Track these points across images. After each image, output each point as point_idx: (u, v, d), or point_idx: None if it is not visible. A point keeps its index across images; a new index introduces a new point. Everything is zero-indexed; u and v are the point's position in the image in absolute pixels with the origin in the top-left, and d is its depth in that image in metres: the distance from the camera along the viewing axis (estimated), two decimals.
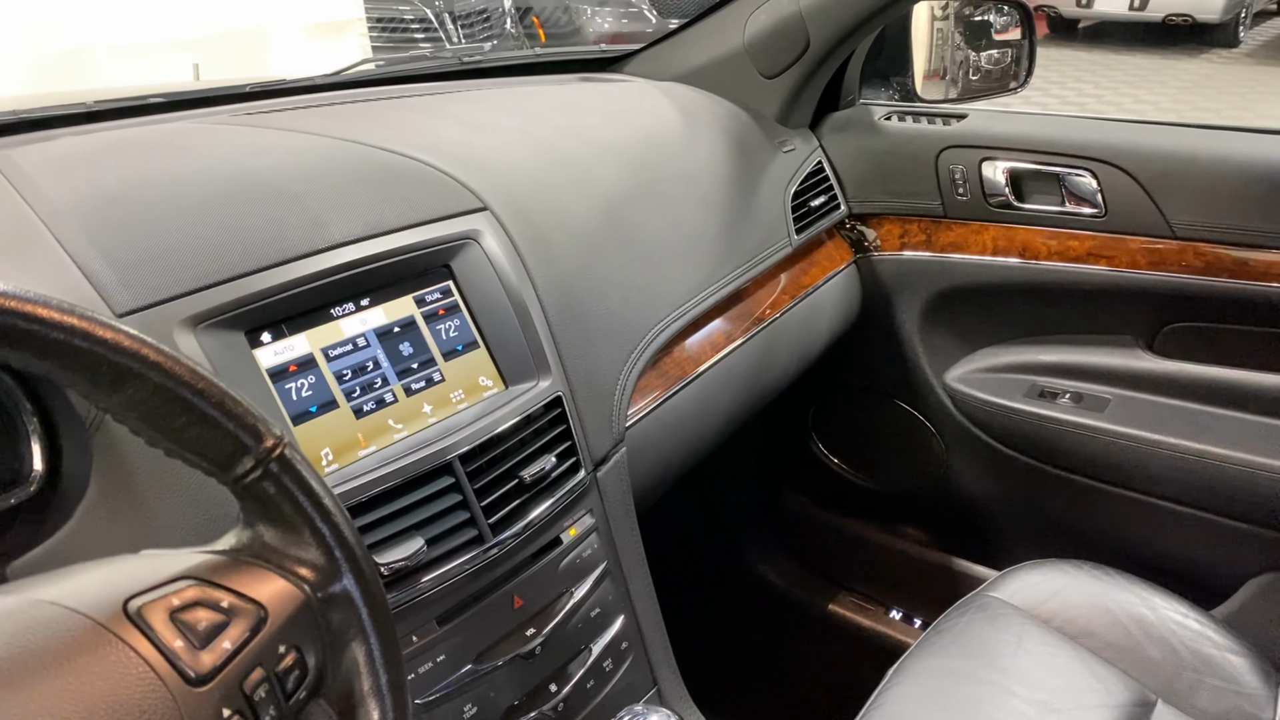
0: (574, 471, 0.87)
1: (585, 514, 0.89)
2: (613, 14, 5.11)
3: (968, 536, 1.56)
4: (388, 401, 0.77)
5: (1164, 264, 1.23)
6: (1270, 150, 1.16)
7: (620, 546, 0.94)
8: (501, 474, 0.80)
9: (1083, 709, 1.01)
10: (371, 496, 0.71)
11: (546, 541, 0.85)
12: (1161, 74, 7.97)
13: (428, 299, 0.82)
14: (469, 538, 0.76)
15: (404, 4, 3.59)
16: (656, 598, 1.00)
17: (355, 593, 0.48)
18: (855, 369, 1.51)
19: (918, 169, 1.36)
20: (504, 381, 0.85)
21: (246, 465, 0.45)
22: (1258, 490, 1.22)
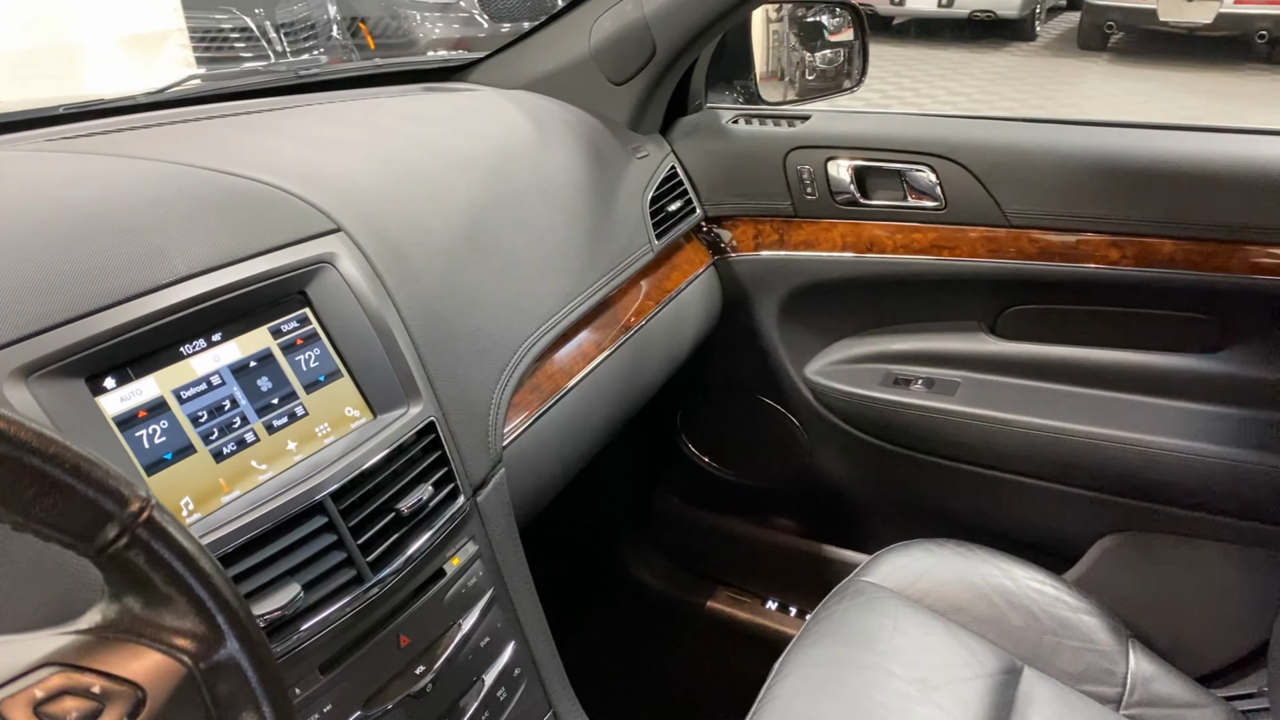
0: (453, 499, 0.84)
1: (467, 541, 0.87)
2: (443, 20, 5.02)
3: (837, 523, 1.60)
4: (249, 441, 0.72)
5: (1001, 251, 1.30)
6: (1091, 140, 1.24)
7: (506, 571, 0.92)
8: (377, 508, 0.76)
9: (958, 682, 1.05)
10: (240, 545, 0.66)
11: (430, 574, 0.82)
12: (971, 67, 8.49)
13: (284, 329, 0.77)
14: (348, 578, 0.73)
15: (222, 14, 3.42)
16: (545, 619, 0.98)
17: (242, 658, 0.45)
18: (719, 368, 1.54)
19: (767, 171, 1.39)
20: (372, 410, 0.81)
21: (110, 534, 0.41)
22: (1097, 459, 1.30)
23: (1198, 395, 1.27)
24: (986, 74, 8.20)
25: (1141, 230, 1.21)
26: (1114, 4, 8.57)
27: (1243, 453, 1.23)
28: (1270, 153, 1.17)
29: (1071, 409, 1.32)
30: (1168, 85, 7.75)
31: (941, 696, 1.03)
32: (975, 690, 1.04)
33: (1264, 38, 8.13)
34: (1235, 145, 1.19)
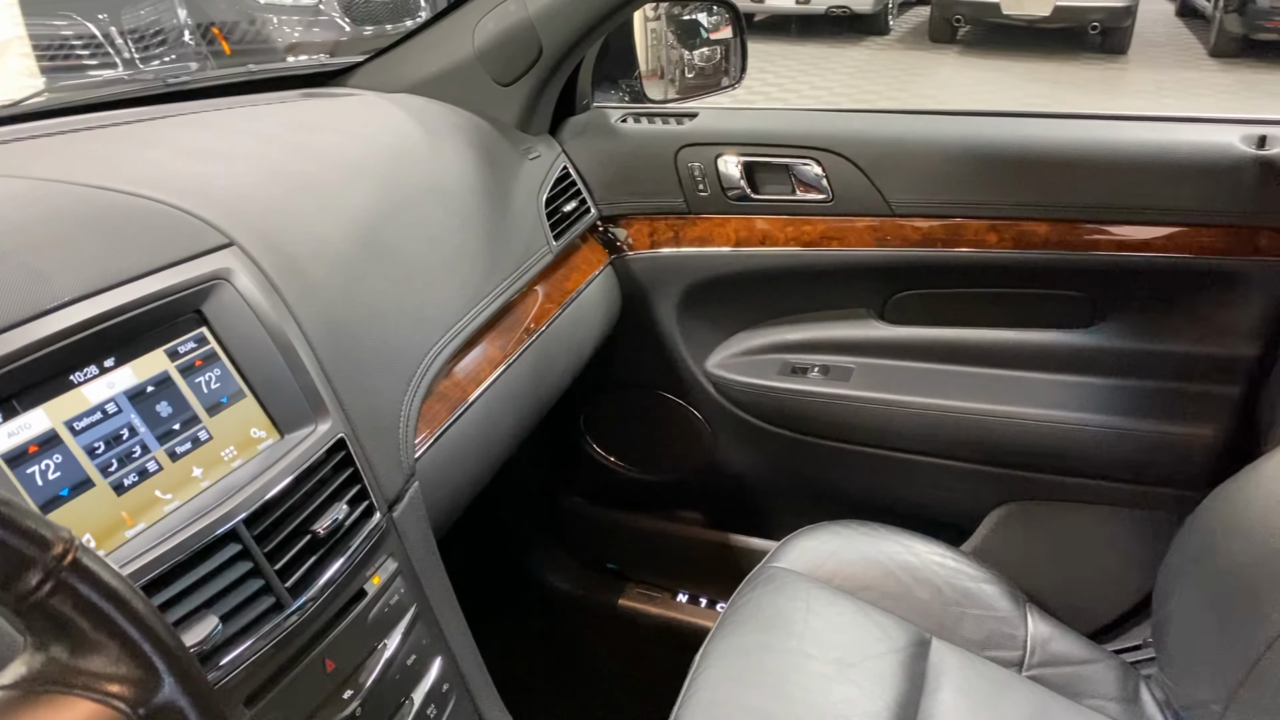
0: (368, 516, 0.81)
1: (386, 559, 0.84)
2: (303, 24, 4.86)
3: (744, 513, 1.63)
4: (151, 471, 0.68)
5: (887, 240, 1.34)
6: (967, 130, 1.30)
7: (427, 585, 0.90)
8: (292, 531, 0.73)
9: (872, 658, 1.08)
10: (150, 580, 0.63)
11: (351, 595, 0.80)
12: (830, 61, 8.75)
13: (181, 351, 0.73)
14: (267, 606, 0.70)
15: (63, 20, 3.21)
16: (470, 632, 0.97)
17: (182, 699, 0.42)
18: (621, 366, 1.54)
19: (659, 169, 1.40)
20: (279, 430, 0.78)
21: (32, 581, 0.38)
22: (987, 434, 1.36)
23: (1076, 368, 1.35)
24: (846, 68, 8.47)
25: (1017, 214, 1.28)
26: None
27: (1119, 419, 1.31)
28: (1129, 136, 1.24)
29: (960, 388, 1.38)
30: (1013, 74, 8.17)
31: (858, 674, 1.06)
32: (889, 665, 1.08)
33: (1096, 28, 8.69)
34: (1097, 130, 1.26)
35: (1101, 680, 1.16)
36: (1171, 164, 1.21)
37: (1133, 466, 1.32)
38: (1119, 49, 8.94)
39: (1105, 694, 1.14)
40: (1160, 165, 1.22)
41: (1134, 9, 8.66)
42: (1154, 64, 8.66)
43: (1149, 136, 1.24)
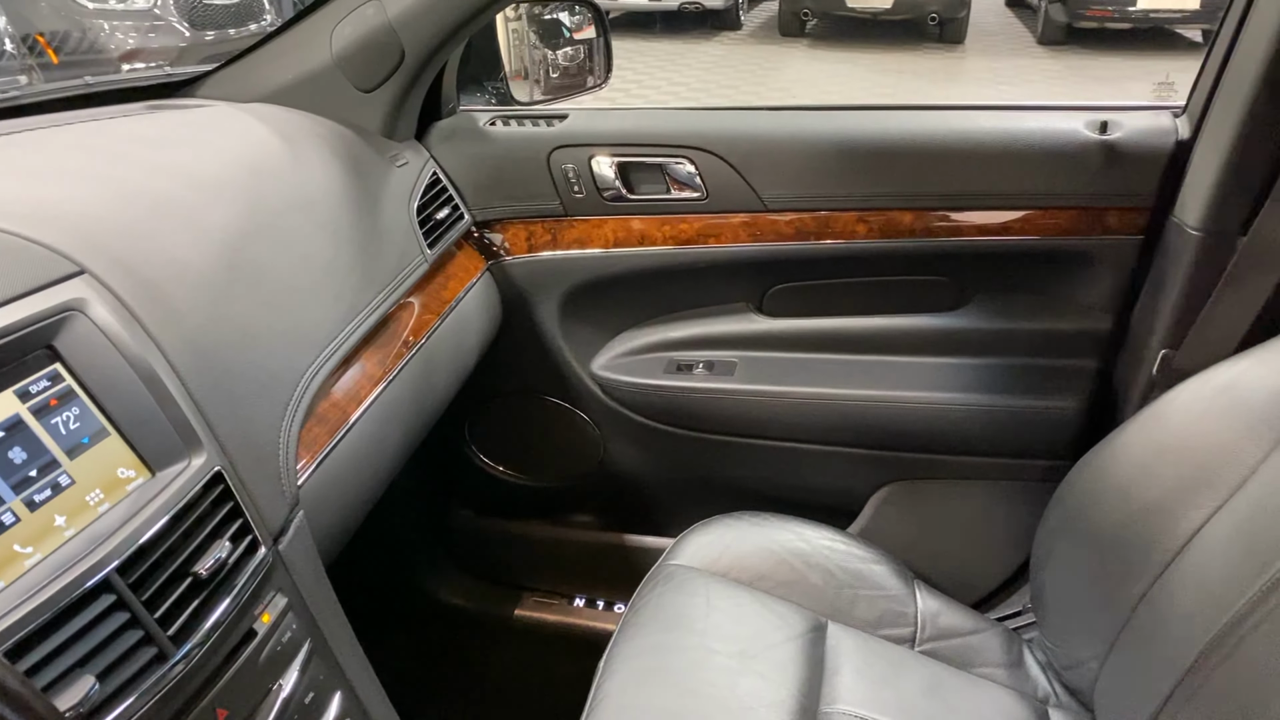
0: (252, 551, 0.77)
1: (275, 595, 0.80)
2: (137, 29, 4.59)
3: (638, 512, 1.63)
4: (7, 524, 0.62)
5: (762, 235, 1.36)
6: (832, 124, 1.33)
7: (320, 618, 0.86)
8: (171, 575, 0.69)
9: (773, 647, 1.10)
10: (15, 644, 0.57)
11: (240, 636, 0.75)
12: (686, 57, 8.86)
13: (34, 390, 0.67)
14: (149, 658, 0.65)
15: None
16: (368, 661, 0.93)
17: None
18: (503, 373, 1.52)
19: (532, 172, 1.38)
20: (149, 468, 0.73)
21: None
22: (866, 418, 1.41)
23: (946, 350, 1.40)
24: (701, 63, 8.59)
25: (883, 204, 1.32)
26: None
27: (988, 397, 1.37)
28: (983, 126, 1.30)
29: (839, 375, 1.42)
30: (861, 66, 8.46)
31: (761, 665, 1.07)
32: (789, 653, 1.10)
33: (934, 19, 9.10)
34: (954, 121, 1.31)
35: (988, 649, 1.21)
36: (1023, 151, 1.28)
37: (1003, 441, 1.39)
38: (956, 39, 9.38)
39: (993, 661, 1.20)
40: (1013, 153, 1.28)
41: (968, 0, 9.11)
42: (989, 52, 9.12)
43: (1001, 125, 1.29)
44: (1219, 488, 0.97)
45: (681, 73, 8.13)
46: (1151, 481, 1.04)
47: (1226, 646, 0.87)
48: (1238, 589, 0.88)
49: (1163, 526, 1.01)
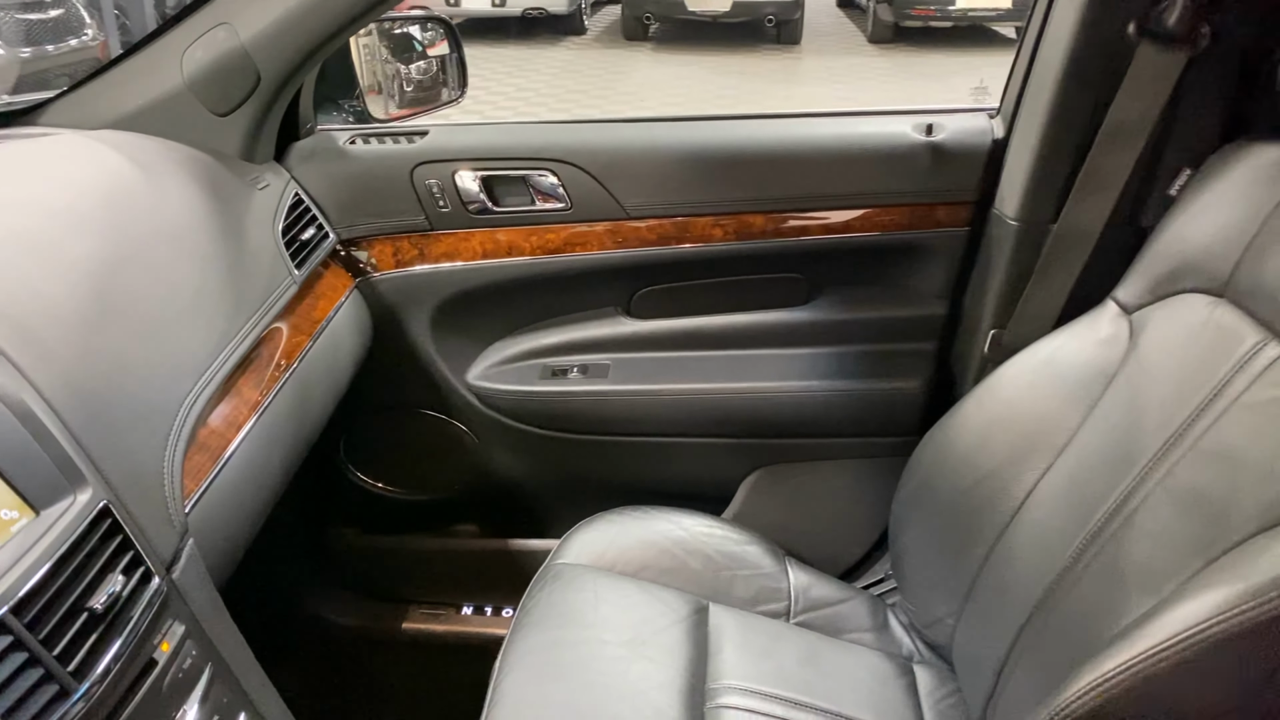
0: (146, 582, 0.77)
1: (173, 623, 0.80)
2: None
3: (522, 517, 1.66)
4: None
5: (625, 242, 1.43)
6: (687, 134, 1.41)
7: (219, 643, 0.86)
8: (67, 611, 0.69)
9: (660, 632, 1.16)
10: None
11: (141, 667, 0.76)
12: (533, 62, 8.87)
13: None
14: (50, 695, 0.65)
15: None
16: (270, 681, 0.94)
17: None
18: (378, 389, 1.52)
19: (396, 188, 1.40)
20: (33, 508, 0.72)
21: None
22: (733, 409, 1.49)
23: (800, 342, 1.50)
24: (549, 68, 8.63)
25: (736, 209, 1.40)
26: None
27: (841, 382, 1.47)
28: (821, 131, 1.40)
29: (706, 371, 1.49)
30: (704, 68, 8.67)
31: (649, 650, 1.13)
32: (675, 636, 1.16)
33: (771, 21, 9.42)
34: (795, 128, 1.41)
35: (856, 615, 1.30)
36: (859, 154, 1.38)
37: (857, 422, 1.49)
38: (793, 40, 9.74)
39: (861, 627, 1.29)
40: (850, 156, 1.38)
41: (802, 2, 9.47)
42: (824, 52, 9.52)
43: (838, 131, 1.40)
44: (1046, 451, 1.09)
45: (529, 78, 8.14)
46: (989, 449, 1.15)
47: (1060, 592, 0.98)
48: (1066, 540, 1.00)
49: (1001, 489, 1.12)
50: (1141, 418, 0.98)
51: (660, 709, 1.05)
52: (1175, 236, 1.06)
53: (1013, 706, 1.00)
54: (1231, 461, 0.85)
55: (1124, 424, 1.00)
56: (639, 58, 9.25)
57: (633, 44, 9.89)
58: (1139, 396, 1.00)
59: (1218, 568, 0.77)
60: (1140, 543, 0.91)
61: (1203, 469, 0.88)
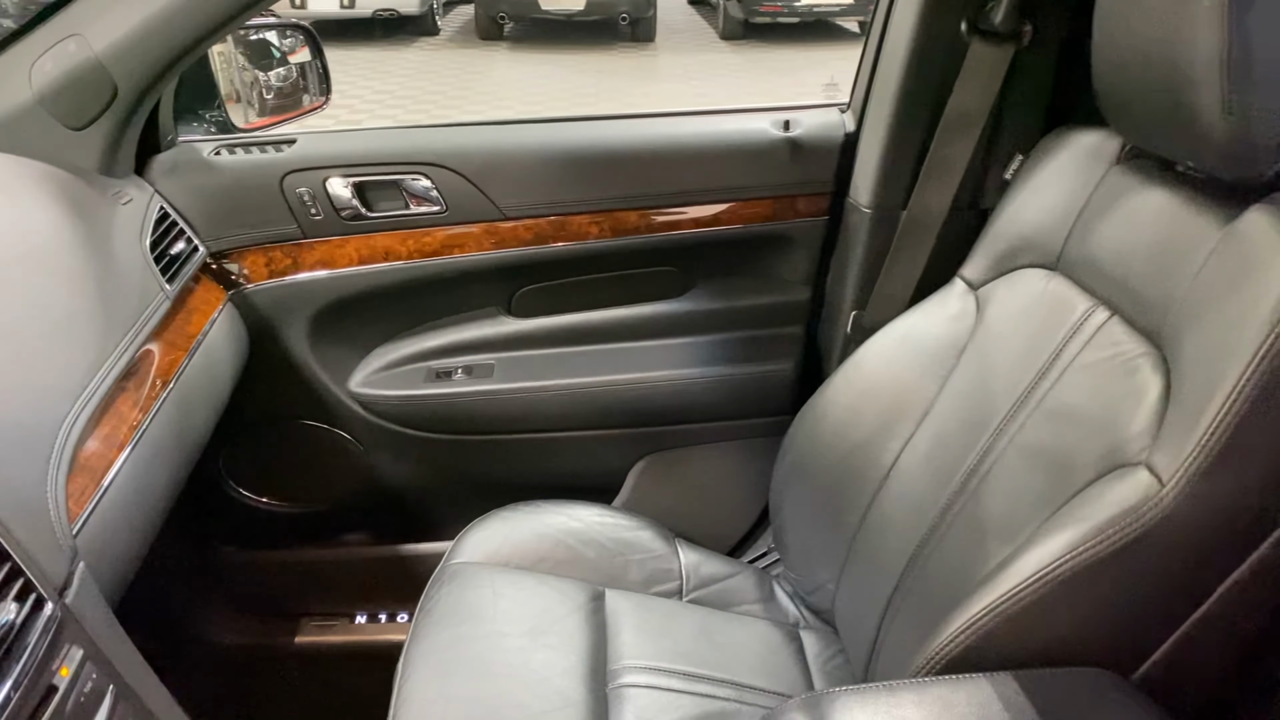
0: (39, 609, 0.76)
1: (71, 647, 0.79)
2: None
3: (415, 522, 1.66)
4: None
5: (503, 242, 1.45)
6: (558, 135, 1.44)
7: (120, 664, 0.85)
8: None
9: (559, 620, 1.19)
10: None
11: (41, 694, 0.74)
12: (387, 64, 8.71)
13: None
14: None
15: None
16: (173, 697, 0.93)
17: None
18: (256, 403, 1.50)
19: (265, 198, 1.38)
20: None
21: None
22: (617, 401, 1.53)
23: (678, 332, 1.56)
24: (403, 70, 8.49)
25: (611, 206, 1.45)
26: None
27: (718, 368, 1.54)
28: (687, 130, 1.46)
29: (589, 365, 1.53)
30: (562, 67, 8.70)
31: (550, 638, 1.16)
32: (575, 623, 1.19)
33: (625, 19, 9.52)
34: (662, 127, 1.46)
35: (744, 588, 1.37)
36: (723, 151, 1.45)
37: (735, 405, 1.57)
38: (647, 37, 9.87)
39: (749, 599, 1.36)
40: (715, 152, 1.45)
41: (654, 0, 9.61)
42: (679, 49, 9.68)
43: (703, 129, 1.46)
44: (908, 421, 1.18)
45: (384, 80, 7.99)
46: (856, 423, 1.23)
47: (928, 549, 1.06)
48: (931, 501, 1.08)
49: (870, 459, 1.20)
50: (991, 384, 1.07)
51: (564, 693, 1.09)
52: (1011, 217, 1.16)
53: (893, 659, 1.08)
54: (1071, 418, 0.94)
55: (976, 391, 1.09)
56: (496, 57, 9.20)
57: (488, 44, 9.83)
58: (988, 365, 1.10)
59: (1064, 513, 0.86)
60: (997, 498, 1.00)
61: (1047, 426, 0.97)
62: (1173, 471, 0.78)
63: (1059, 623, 0.83)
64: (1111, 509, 0.80)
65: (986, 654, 0.84)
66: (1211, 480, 0.77)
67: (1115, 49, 0.91)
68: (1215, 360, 0.78)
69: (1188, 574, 0.81)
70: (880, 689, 0.81)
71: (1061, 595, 0.81)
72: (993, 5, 1.21)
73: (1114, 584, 0.81)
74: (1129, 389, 0.89)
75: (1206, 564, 0.81)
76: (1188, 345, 0.83)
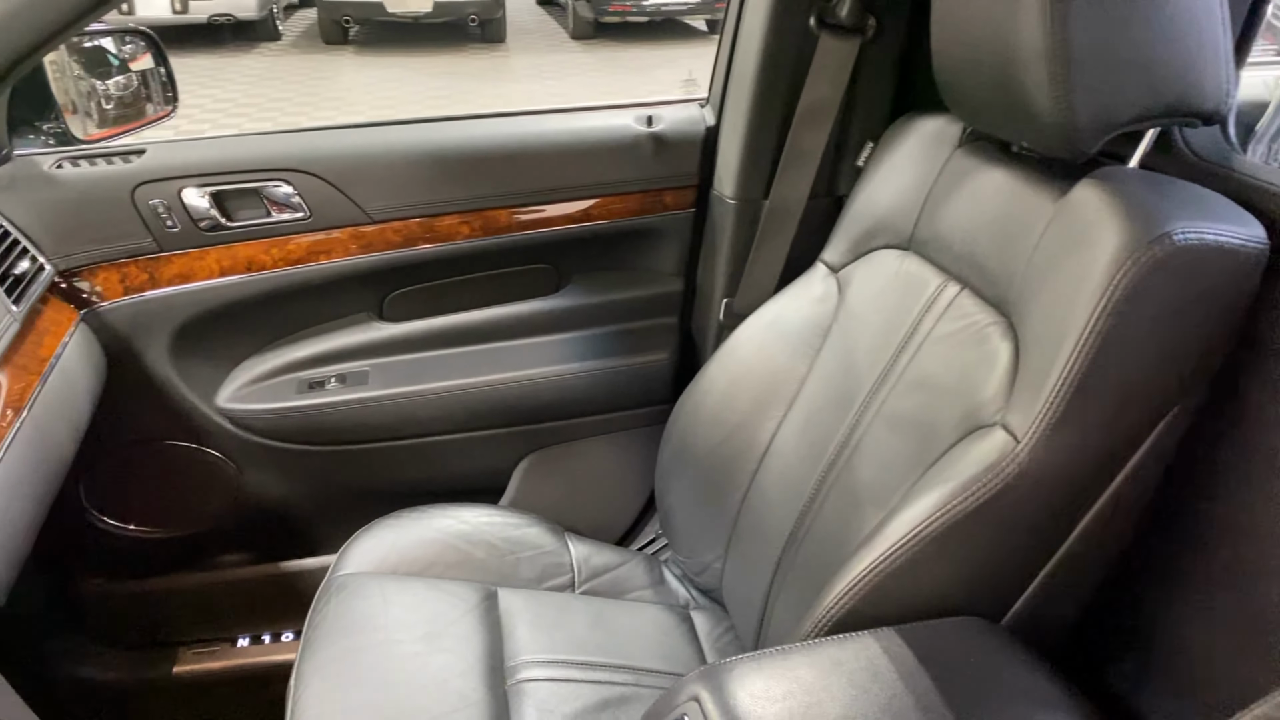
0: None
1: None
2: None
3: (294, 536, 1.62)
4: None
5: (371, 246, 1.43)
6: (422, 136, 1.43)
7: None
8: None
9: (453, 623, 1.20)
10: None
11: None
12: (227, 71, 8.37)
13: None
14: None
15: None
16: None
17: None
18: (118, 426, 1.43)
19: (116, 211, 1.32)
20: None
21: None
22: (498, 400, 1.54)
23: (556, 328, 1.57)
24: (245, 77, 8.17)
25: (480, 205, 1.45)
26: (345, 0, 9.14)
27: (598, 362, 1.57)
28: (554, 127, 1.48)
29: (466, 366, 1.53)
30: (411, 69, 8.56)
31: (446, 641, 1.16)
32: (469, 625, 1.20)
33: (474, 20, 9.44)
34: (528, 125, 1.48)
35: (635, 575, 1.40)
36: (590, 147, 1.47)
37: (616, 398, 1.59)
38: (498, 38, 9.81)
39: (640, 585, 1.39)
40: (582, 149, 1.47)
41: (503, 1, 9.56)
42: (530, 50, 9.66)
43: (569, 126, 1.48)
44: (781, 401, 1.23)
45: (225, 88, 7.68)
46: (733, 406, 1.28)
47: (808, 521, 1.12)
48: (807, 476, 1.14)
49: (748, 441, 1.25)
50: (856, 360, 1.13)
51: (464, 694, 1.09)
52: (865, 201, 1.22)
53: (781, 629, 1.13)
54: (931, 387, 1.01)
55: (842, 368, 1.15)
56: (342, 62, 8.97)
57: (333, 48, 9.56)
58: (852, 343, 1.16)
59: (930, 475, 0.92)
60: (868, 467, 1.06)
61: (910, 396, 1.04)
62: (1026, 429, 0.85)
63: (933, 577, 0.89)
64: (973, 468, 0.87)
65: (869, 612, 0.89)
66: (1060, 434, 0.84)
67: (952, 41, 0.98)
68: (1056, 324, 0.85)
69: (1045, 521, 0.88)
70: (774, 654, 0.85)
71: (933, 551, 0.87)
72: (838, 1, 1.27)
73: (980, 536, 0.87)
74: (982, 356, 0.96)
75: (1061, 510, 0.88)
76: (1031, 312, 0.90)
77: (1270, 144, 1.68)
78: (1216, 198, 0.87)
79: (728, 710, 0.79)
